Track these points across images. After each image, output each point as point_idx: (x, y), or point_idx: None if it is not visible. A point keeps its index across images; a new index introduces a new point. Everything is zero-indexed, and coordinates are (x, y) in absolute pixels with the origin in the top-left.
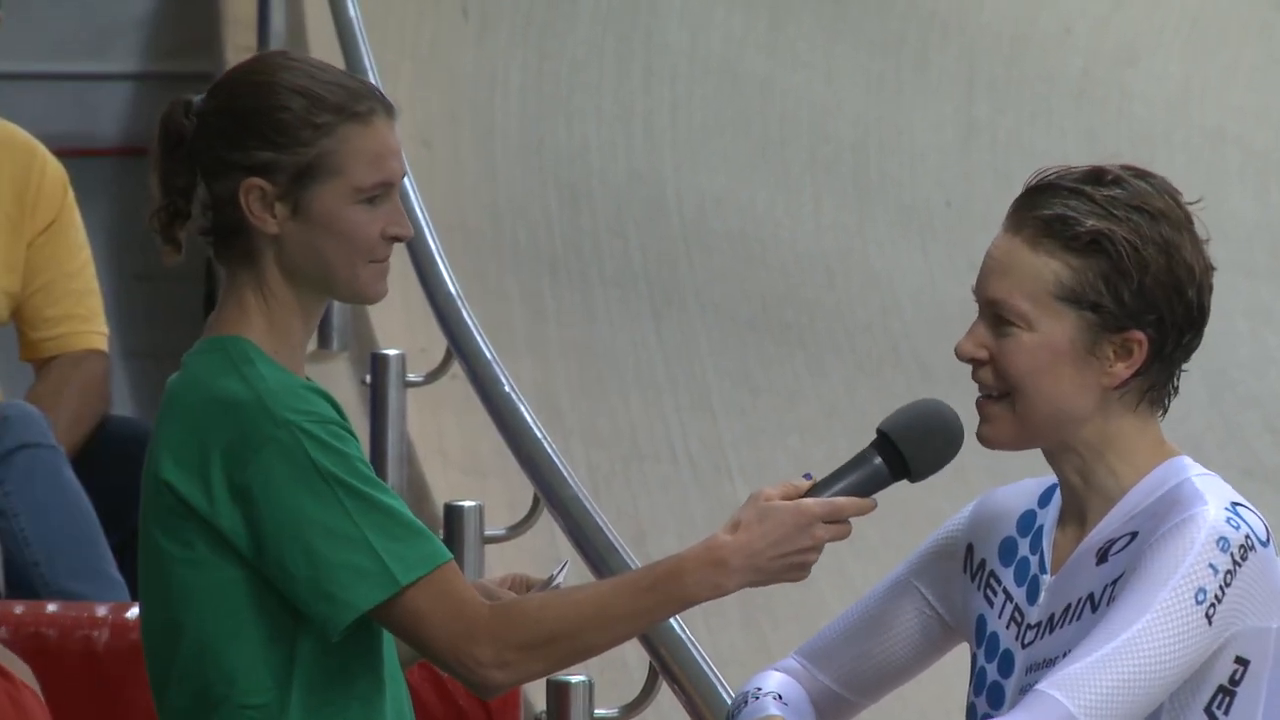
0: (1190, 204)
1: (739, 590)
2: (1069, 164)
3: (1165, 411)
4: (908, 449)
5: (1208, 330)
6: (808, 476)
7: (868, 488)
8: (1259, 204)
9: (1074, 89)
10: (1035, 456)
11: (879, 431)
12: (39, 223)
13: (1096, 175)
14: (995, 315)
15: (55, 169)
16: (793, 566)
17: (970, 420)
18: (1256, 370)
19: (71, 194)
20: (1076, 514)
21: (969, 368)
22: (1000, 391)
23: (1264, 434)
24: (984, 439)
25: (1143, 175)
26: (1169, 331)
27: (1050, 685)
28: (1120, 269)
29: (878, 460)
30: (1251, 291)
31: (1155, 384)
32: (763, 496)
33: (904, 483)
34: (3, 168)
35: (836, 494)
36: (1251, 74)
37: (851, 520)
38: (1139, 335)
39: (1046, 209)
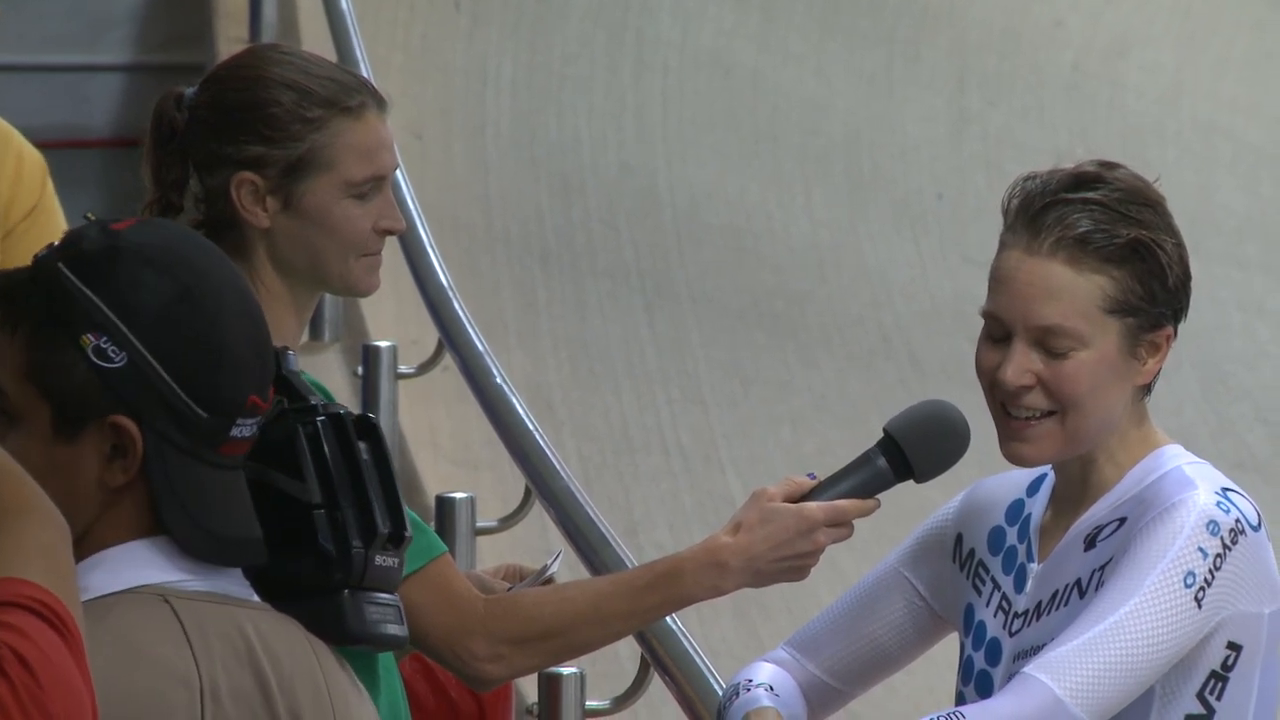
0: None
1: (736, 590)
2: (1040, 168)
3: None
4: (912, 450)
5: (1200, 324)
6: (812, 476)
7: (871, 489)
8: (1250, 197)
9: (1065, 82)
10: None
11: (884, 432)
12: (20, 209)
13: (1081, 179)
14: (1042, 339)
15: (32, 154)
16: (791, 570)
17: (974, 419)
18: (1248, 363)
19: (50, 180)
20: (1071, 503)
21: (960, 361)
22: (1047, 411)
23: (1256, 426)
24: (1023, 458)
25: (1113, 165)
26: (1180, 318)
27: (1036, 668)
28: (1154, 270)
29: (882, 461)
30: (1243, 284)
31: (1157, 372)
32: (765, 497)
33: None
34: None
35: (840, 495)
36: (1243, 67)
37: None
38: (1168, 330)
39: (1075, 227)
